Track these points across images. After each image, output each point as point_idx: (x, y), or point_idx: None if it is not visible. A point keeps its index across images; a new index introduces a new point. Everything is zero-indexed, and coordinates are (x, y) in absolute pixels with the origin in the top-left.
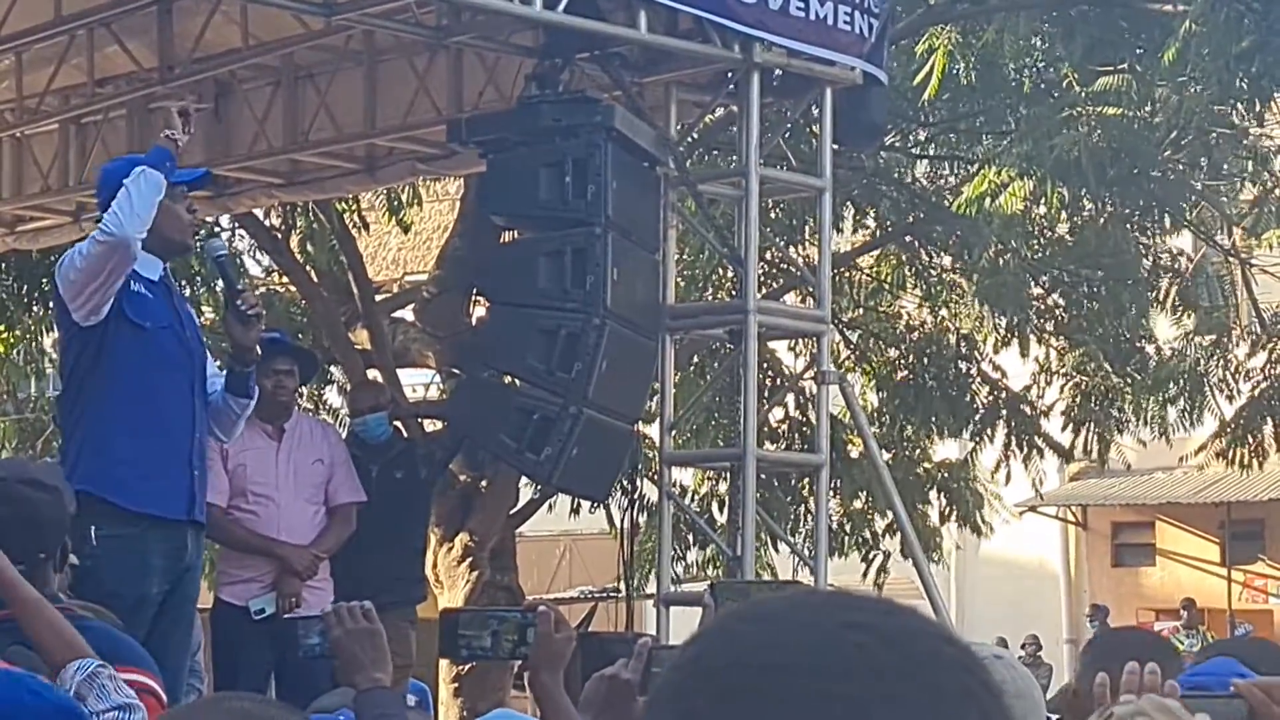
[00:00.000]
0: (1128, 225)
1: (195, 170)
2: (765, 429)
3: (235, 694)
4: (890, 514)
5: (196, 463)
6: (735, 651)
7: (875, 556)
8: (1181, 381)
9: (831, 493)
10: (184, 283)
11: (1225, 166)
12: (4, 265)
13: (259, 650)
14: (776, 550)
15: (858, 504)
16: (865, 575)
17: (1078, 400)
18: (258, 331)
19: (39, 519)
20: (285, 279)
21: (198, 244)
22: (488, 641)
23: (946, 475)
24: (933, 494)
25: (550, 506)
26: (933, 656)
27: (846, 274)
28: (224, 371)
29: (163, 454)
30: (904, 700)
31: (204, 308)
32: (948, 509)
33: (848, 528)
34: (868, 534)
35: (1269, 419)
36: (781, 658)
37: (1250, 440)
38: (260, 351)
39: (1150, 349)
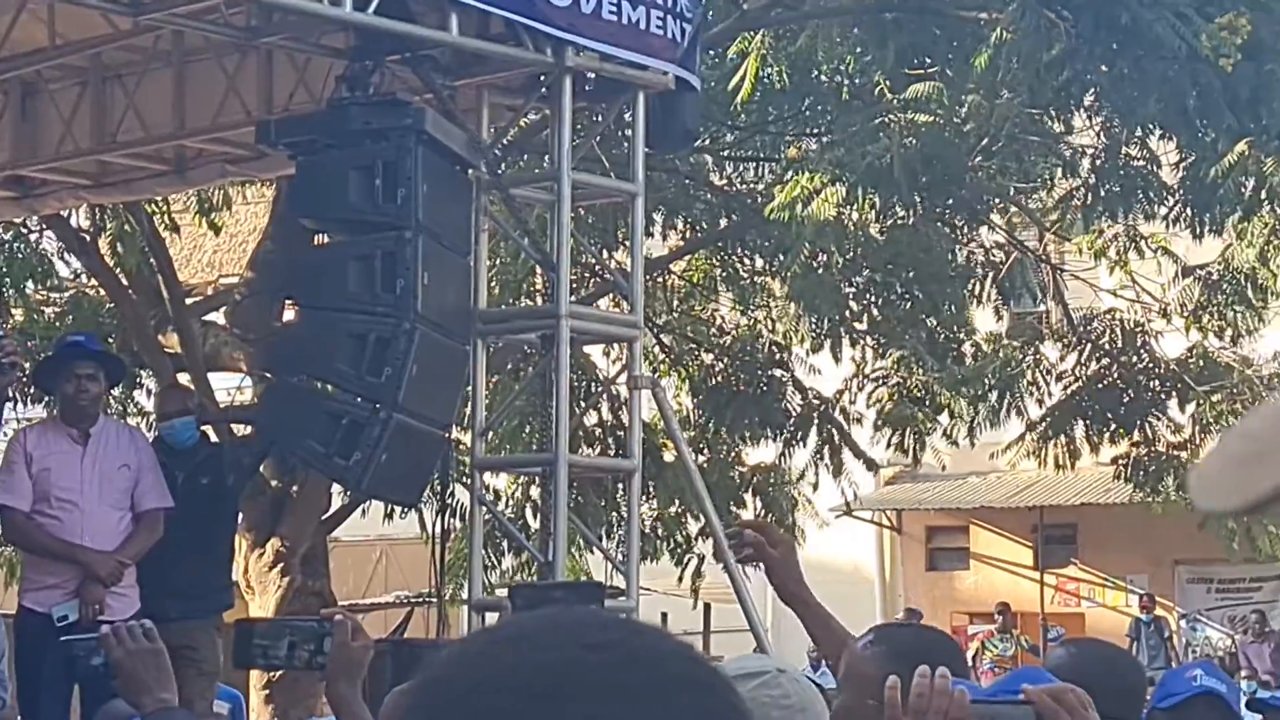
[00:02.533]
0: (938, 223)
1: None
2: (579, 434)
3: None
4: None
5: None
6: (481, 673)
7: (690, 560)
8: (993, 378)
9: (646, 497)
10: None
11: (1036, 172)
12: None
13: (63, 657)
14: (590, 553)
15: (673, 509)
16: (680, 579)
17: (893, 399)
18: (10, 380)
19: None
20: (94, 281)
21: None
22: (283, 651)
23: (761, 479)
24: (748, 498)
25: (364, 512)
26: (678, 677)
27: (660, 278)
28: None
29: None
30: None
31: None
32: (763, 513)
33: (660, 532)
34: (680, 538)
35: (1079, 420)
36: (525, 680)
37: (1063, 439)
38: (11, 395)
39: (967, 346)
